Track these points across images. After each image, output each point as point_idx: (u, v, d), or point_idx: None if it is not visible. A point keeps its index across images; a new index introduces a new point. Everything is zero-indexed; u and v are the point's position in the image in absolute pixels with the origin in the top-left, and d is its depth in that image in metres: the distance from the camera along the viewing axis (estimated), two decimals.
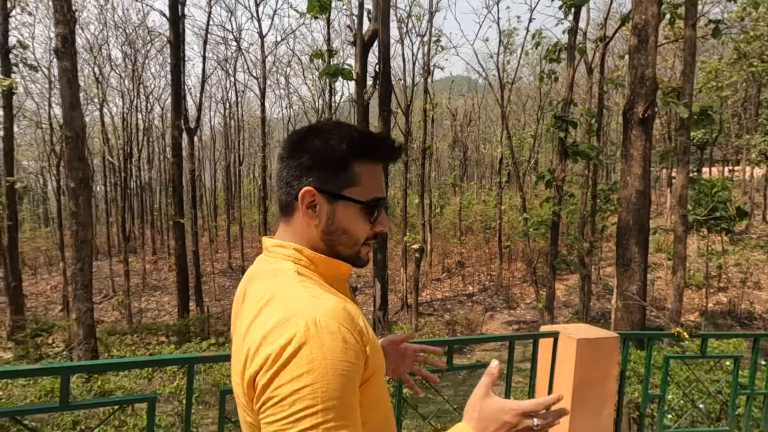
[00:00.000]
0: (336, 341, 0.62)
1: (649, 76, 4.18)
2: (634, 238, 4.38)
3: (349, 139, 0.75)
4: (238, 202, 26.00)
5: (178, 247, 10.36)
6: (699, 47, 24.50)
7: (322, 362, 0.60)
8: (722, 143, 26.77)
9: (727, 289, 16.76)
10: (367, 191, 0.77)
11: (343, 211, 0.76)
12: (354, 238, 0.78)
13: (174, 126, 9.14)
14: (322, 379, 0.60)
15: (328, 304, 0.66)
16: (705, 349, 2.08)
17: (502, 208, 20.38)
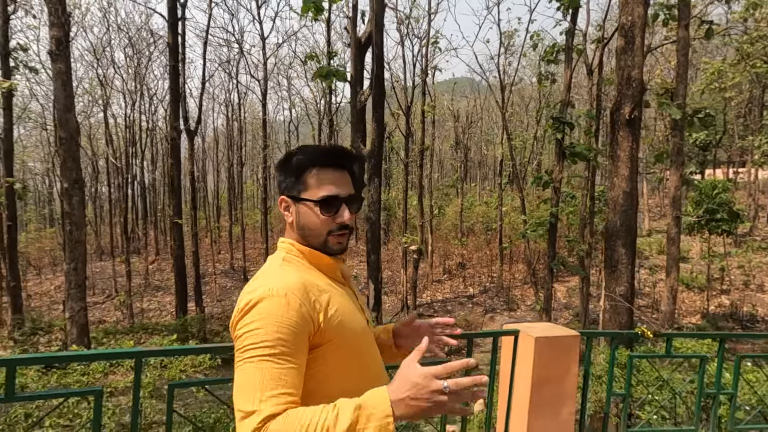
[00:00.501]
0: (280, 303, 0.88)
1: (635, 77, 4.17)
2: (622, 240, 4.37)
3: (303, 155, 1.01)
4: (240, 203, 26.08)
5: (176, 248, 10.43)
6: (702, 49, 24.40)
7: (266, 315, 0.86)
8: (727, 145, 26.55)
9: (730, 291, 16.60)
10: (318, 192, 0.99)
11: (304, 210, 1.00)
12: (316, 230, 1.00)
13: (172, 127, 9.21)
14: (264, 326, 0.86)
15: (288, 279, 0.92)
16: (670, 348, 2.08)
17: (503, 210, 20.32)
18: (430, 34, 14.40)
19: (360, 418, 0.76)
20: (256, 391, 0.81)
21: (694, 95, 25.71)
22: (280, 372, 0.83)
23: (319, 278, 1.00)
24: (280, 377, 0.83)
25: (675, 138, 6.01)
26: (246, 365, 0.85)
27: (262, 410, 0.80)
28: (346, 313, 0.97)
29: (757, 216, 23.06)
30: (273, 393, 0.82)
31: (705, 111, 6.01)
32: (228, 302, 20.72)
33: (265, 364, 0.83)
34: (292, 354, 0.86)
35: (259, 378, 0.82)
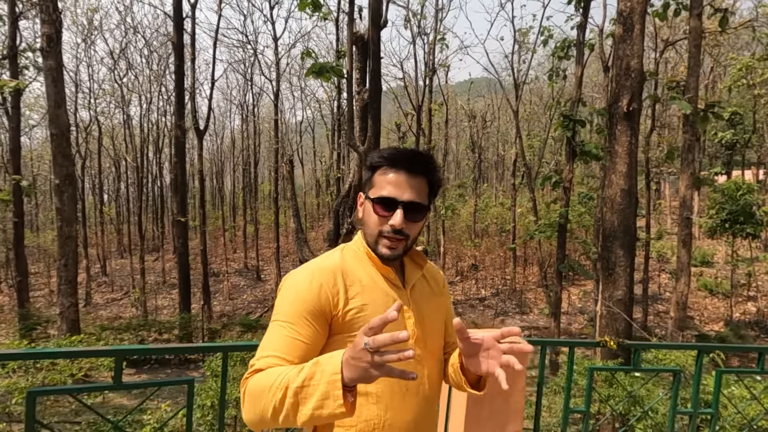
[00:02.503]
0: (304, 281, 0.97)
1: (634, 67, 3.87)
2: (619, 241, 4.07)
3: (377, 155, 1.03)
4: (254, 203, 26.35)
5: (179, 246, 10.50)
6: (730, 45, 23.32)
7: (289, 291, 0.97)
8: (757, 145, 25.30)
9: (757, 298, 15.75)
10: (378, 190, 1.01)
11: (367, 207, 1.03)
12: (370, 229, 1.02)
13: (176, 126, 9.28)
14: (284, 299, 0.96)
15: (323, 263, 1.01)
16: (637, 361, 1.85)
17: (517, 211, 19.87)
18: (437, 31, 14.15)
19: (315, 374, 0.78)
20: (261, 350, 0.92)
21: (722, 92, 24.62)
22: (287, 339, 0.91)
23: (369, 272, 1.03)
24: (285, 343, 0.91)
25: (686, 134, 5.65)
26: (268, 328, 0.96)
27: (257, 363, 0.89)
28: (373, 313, 0.96)
29: None
30: (272, 353, 0.90)
31: (718, 106, 5.63)
32: (239, 301, 20.91)
33: (278, 329, 0.93)
34: (300, 326, 0.92)
35: (270, 340, 0.93)
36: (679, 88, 5.94)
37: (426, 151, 1.08)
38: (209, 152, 36.73)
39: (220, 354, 1.37)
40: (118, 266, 27.56)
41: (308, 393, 0.77)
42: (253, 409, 0.85)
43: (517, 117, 16.57)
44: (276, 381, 0.81)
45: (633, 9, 3.88)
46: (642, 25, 3.92)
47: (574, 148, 9.85)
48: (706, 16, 6.70)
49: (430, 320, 1.07)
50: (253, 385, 0.86)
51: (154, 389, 1.35)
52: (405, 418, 0.98)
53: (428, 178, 1.03)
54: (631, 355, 3.95)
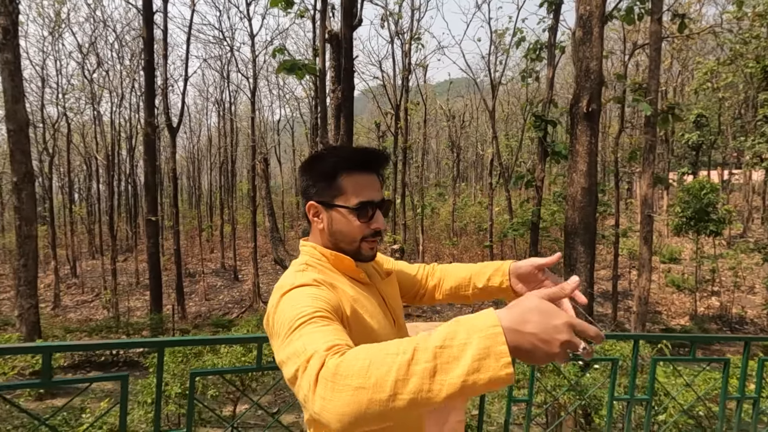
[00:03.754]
0: (311, 287, 0.85)
1: (594, 69, 4.01)
2: (580, 238, 4.20)
3: (335, 158, 0.96)
4: (231, 202, 25.96)
5: (150, 246, 10.28)
6: (700, 49, 24.21)
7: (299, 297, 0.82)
8: (722, 146, 26.37)
9: (720, 293, 16.43)
10: (354, 197, 0.94)
11: (338, 217, 0.96)
12: (350, 236, 0.96)
13: (147, 123, 9.07)
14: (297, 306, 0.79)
15: (298, 280, 0.88)
16: None
17: (495, 210, 20.17)
18: (413, 30, 14.24)
19: (458, 331, 0.59)
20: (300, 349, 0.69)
21: (689, 95, 25.57)
22: (326, 329, 0.73)
23: (341, 281, 0.96)
24: (328, 332, 0.72)
25: (648, 135, 5.85)
26: (285, 345, 0.74)
27: (318, 348, 0.66)
28: (361, 314, 0.93)
29: (751, 218, 22.90)
30: (327, 340, 0.69)
31: (679, 107, 5.85)
32: (215, 301, 20.58)
33: (302, 331, 0.73)
34: (328, 316, 0.78)
35: (306, 339, 0.70)
36: (641, 90, 6.15)
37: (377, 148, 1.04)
38: (186, 150, 35.98)
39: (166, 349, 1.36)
40: (90, 267, 26.72)
41: (453, 354, 0.57)
42: (352, 390, 0.59)
43: (494, 117, 16.82)
44: (388, 348, 0.61)
45: (592, 12, 4.01)
46: (601, 28, 4.06)
47: (545, 148, 10.07)
48: (669, 19, 6.96)
49: (395, 300, 1.09)
50: (346, 360, 0.62)
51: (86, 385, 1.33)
52: None
53: (378, 173, 1.01)
54: None
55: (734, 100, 23.26)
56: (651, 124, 6.01)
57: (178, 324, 12.13)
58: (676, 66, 25.02)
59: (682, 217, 12.38)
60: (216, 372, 1.48)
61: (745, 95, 22.72)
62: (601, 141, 24.07)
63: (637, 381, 2.89)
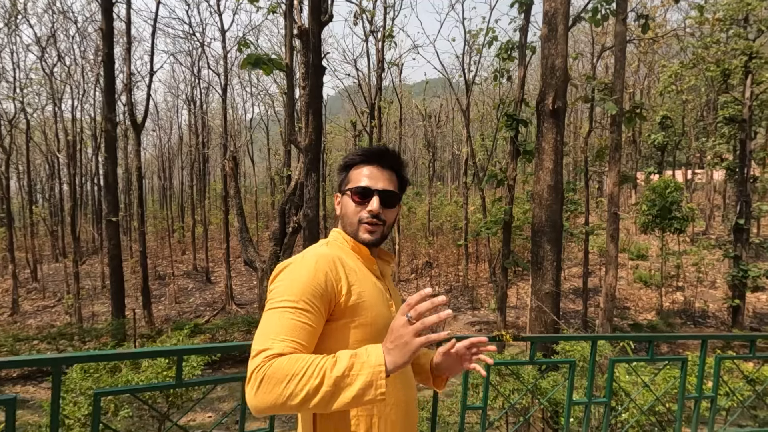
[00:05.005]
0: (309, 266, 0.98)
1: (559, 66, 4.00)
2: (547, 236, 4.19)
3: (350, 155, 1.15)
4: (203, 202, 25.27)
5: (111, 247, 9.84)
6: (665, 53, 25.03)
7: (294, 274, 0.98)
8: (686, 147, 27.39)
9: (684, 288, 17.02)
10: (354, 182, 1.11)
11: (345, 201, 1.12)
12: (349, 218, 1.11)
13: (106, 119, 8.62)
14: (289, 283, 0.96)
15: (320, 251, 1.03)
16: (534, 354, 1.84)
17: (470, 209, 20.31)
18: (385, 28, 14.14)
19: (355, 365, 0.84)
20: (271, 334, 0.89)
21: (655, 97, 26.44)
22: (296, 324, 0.91)
23: (357, 264, 1.08)
24: (295, 328, 0.90)
25: (613, 134, 5.93)
26: (270, 314, 0.93)
27: (273, 347, 0.87)
28: (369, 300, 1.02)
29: (712, 215, 23.85)
30: (286, 337, 0.89)
31: (642, 107, 5.95)
32: (186, 304, 19.96)
33: (286, 314, 0.91)
34: (310, 313, 0.93)
35: (278, 324, 0.90)
36: (607, 90, 6.22)
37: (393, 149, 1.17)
38: (157, 149, 34.91)
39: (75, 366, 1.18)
40: (52, 271, 25.56)
41: (349, 382, 0.82)
42: (272, 393, 0.83)
43: (468, 117, 16.92)
44: (308, 369, 0.83)
45: (557, 10, 4.00)
46: (565, 25, 4.05)
47: (517, 147, 10.15)
48: (634, 20, 7.08)
49: (398, 306, 1.16)
50: (277, 369, 0.84)
51: None
52: (400, 396, 1.06)
53: (397, 172, 1.14)
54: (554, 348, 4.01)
55: (697, 102, 24.19)
56: (617, 123, 6.08)
57: (143, 329, 11.64)
58: (643, 69, 25.84)
59: (648, 215, 12.73)
60: (125, 391, 1.32)
61: (706, 98, 23.66)
62: (573, 141, 24.59)
63: (601, 381, 2.85)
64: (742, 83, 13.77)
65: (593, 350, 1.91)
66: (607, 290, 6.40)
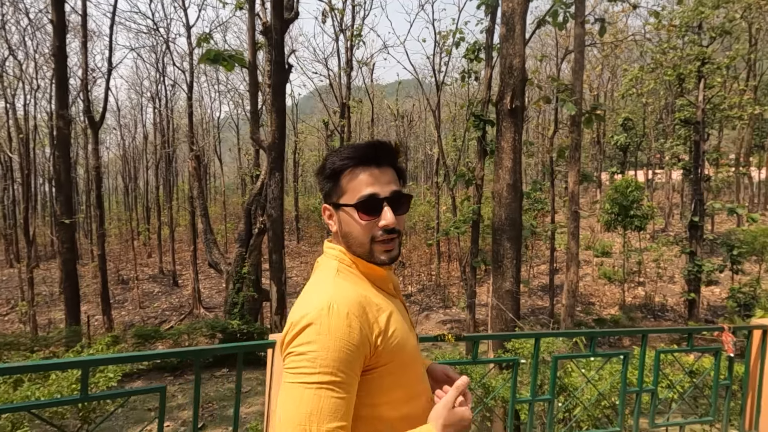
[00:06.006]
0: (342, 324, 0.82)
1: (517, 66, 4.05)
2: (506, 234, 4.24)
3: (336, 157, 0.92)
4: (170, 203, 24.48)
5: (65, 251, 9.36)
6: (627, 57, 26.00)
7: (327, 337, 0.80)
8: (647, 148, 28.58)
9: (645, 283, 17.72)
10: (354, 194, 0.90)
11: (345, 217, 0.92)
12: (358, 239, 0.91)
13: (58, 116, 8.18)
14: (323, 350, 0.79)
15: (346, 294, 0.86)
16: (476, 353, 1.82)
17: (441, 209, 20.50)
18: (353, 27, 14.08)
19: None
20: (312, 423, 0.77)
21: (617, 100, 27.44)
22: (337, 402, 0.79)
23: (374, 292, 0.93)
24: (337, 408, 0.79)
25: (573, 134, 6.07)
26: (300, 389, 0.79)
27: None
28: (402, 334, 0.91)
29: (671, 213, 24.95)
30: (330, 426, 0.78)
31: (600, 108, 6.14)
32: (151, 309, 19.27)
33: (323, 392, 0.79)
34: (349, 383, 0.82)
35: (317, 407, 0.78)
36: (567, 91, 6.36)
37: (385, 140, 0.98)
38: (122, 149, 33.63)
39: None
40: (6, 276, 24.22)
41: None
42: None
43: (438, 117, 17.06)
44: None
45: (514, 10, 4.05)
46: (522, 25, 4.10)
47: (484, 147, 10.28)
48: (591, 24, 7.28)
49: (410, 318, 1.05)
50: None
51: None
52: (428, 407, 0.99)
53: (395, 167, 0.95)
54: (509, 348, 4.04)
55: (656, 105, 25.24)
56: (576, 123, 6.22)
57: (99, 336, 11.11)
58: (607, 73, 26.78)
59: (611, 213, 13.17)
60: (20, 408, 1.20)
61: (665, 101, 24.72)
62: (540, 141, 25.20)
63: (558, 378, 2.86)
64: (696, 87, 14.45)
65: (536, 348, 1.91)
66: (569, 287, 6.53)
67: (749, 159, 25.97)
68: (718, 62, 14.85)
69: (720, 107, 16.81)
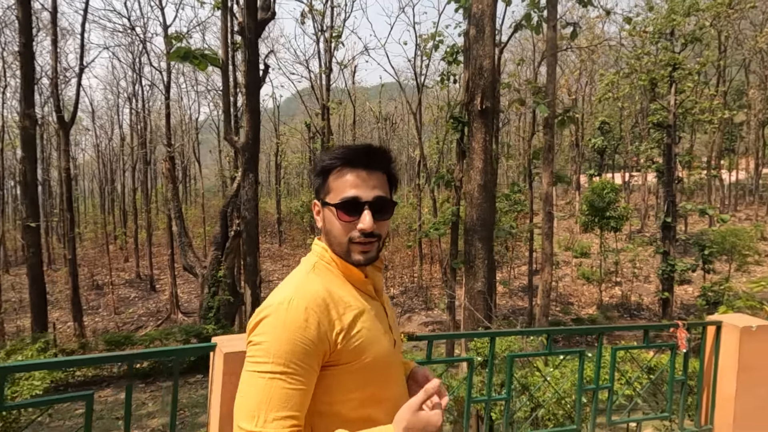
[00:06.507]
0: (299, 318, 0.83)
1: (487, 67, 4.07)
2: (478, 234, 4.24)
3: (327, 156, 0.96)
4: (147, 206, 23.93)
5: (30, 255, 9.03)
6: (604, 63, 26.61)
7: (281, 330, 0.82)
8: (624, 151, 29.27)
9: (622, 283, 18.10)
10: (338, 194, 0.92)
11: (328, 215, 0.94)
12: (337, 237, 0.93)
13: (24, 115, 7.89)
14: (276, 341, 0.82)
15: (312, 291, 0.87)
16: (430, 353, 1.80)
17: (423, 211, 20.55)
18: (332, 28, 14.04)
19: None
20: (261, 410, 0.80)
21: (595, 104, 28.05)
22: (288, 392, 0.81)
23: (349, 291, 0.94)
24: (288, 398, 0.81)
25: (546, 136, 6.15)
26: (254, 377, 0.82)
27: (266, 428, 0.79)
28: (369, 335, 0.92)
29: (647, 215, 25.57)
30: (278, 415, 0.80)
31: (574, 111, 6.24)
32: (127, 315, 18.77)
33: (275, 382, 0.81)
34: (302, 374, 0.83)
35: (267, 395, 0.80)
36: (541, 94, 6.44)
37: (381, 144, 1.00)
38: (98, 151, 32.75)
39: None
40: None
41: None
42: None
43: (419, 119, 17.12)
44: None
45: (483, 12, 4.07)
46: (492, 27, 4.13)
47: (463, 148, 10.34)
48: (562, 27, 7.40)
49: (394, 321, 1.05)
50: None
51: None
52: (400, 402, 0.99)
53: (386, 172, 0.96)
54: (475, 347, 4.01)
55: (632, 109, 25.89)
56: (549, 125, 6.30)
57: (72, 343, 10.77)
58: (585, 77, 27.35)
59: (588, 215, 13.40)
60: None
61: (640, 105, 25.38)
62: (519, 144, 25.54)
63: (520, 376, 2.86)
64: (668, 92, 14.86)
65: (491, 347, 1.90)
66: (544, 287, 6.58)
67: (720, 162, 26.87)
68: (689, 68, 15.31)
69: (691, 111, 17.33)
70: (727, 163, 27.48)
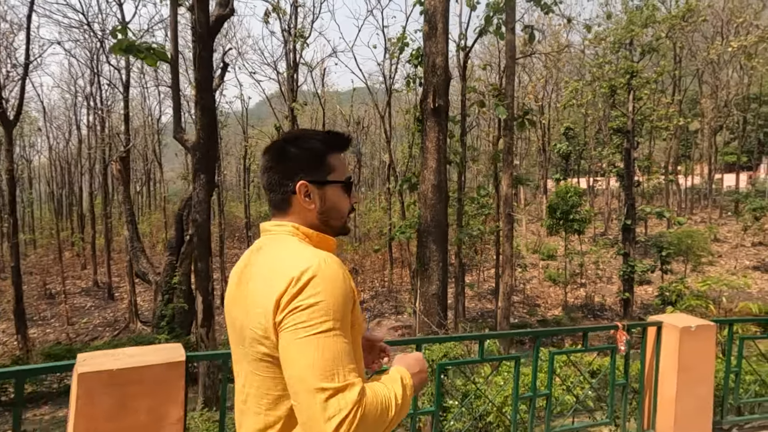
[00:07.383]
0: (338, 275, 0.86)
1: (440, 64, 3.99)
2: (432, 236, 4.14)
3: (320, 139, 1.03)
4: (106, 211, 22.81)
5: None
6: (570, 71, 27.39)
7: (332, 285, 0.84)
8: (588, 156, 30.21)
9: (586, 284, 18.52)
10: (341, 173, 1.03)
11: (331, 193, 1.01)
12: (341, 211, 1.03)
13: None
14: (331, 297, 0.83)
15: (328, 253, 0.92)
16: None
17: (393, 215, 20.47)
18: (296, 28, 13.82)
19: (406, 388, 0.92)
20: (337, 366, 0.82)
21: (560, 111, 28.85)
22: (348, 346, 0.85)
23: None
24: (350, 351, 0.85)
25: (506, 138, 6.14)
26: (319, 339, 0.81)
27: (355, 383, 0.82)
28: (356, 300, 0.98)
29: (610, 218, 26.40)
30: (351, 367, 0.83)
31: (531, 113, 6.27)
32: (81, 326, 17.74)
33: (338, 338, 0.83)
34: (349, 330, 0.87)
35: (337, 351, 0.82)
36: (501, 96, 6.43)
37: None
38: (55, 152, 31.13)
39: None
40: None
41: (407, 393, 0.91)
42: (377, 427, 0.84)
43: (390, 123, 17.08)
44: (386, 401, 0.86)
45: (436, 8, 3.99)
46: (445, 24, 4.06)
47: None
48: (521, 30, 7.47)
49: None
50: (372, 407, 0.83)
51: None
52: None
53: None
54: None
55: (595, 115, 26.75)
56: (509, 127, 6.28)
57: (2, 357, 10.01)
58: (551, 84, 28.10)
59: (553, 218, 13.63)
60: None
61: (603, 112, 26.25)
62: (488, 148, 25.91)
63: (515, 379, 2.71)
64: (627, 99, 15.38)
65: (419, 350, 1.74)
66: (504, 289, 6.54)
67: (677, 167, 28.10)
68: (647, 77, 15.91)
69: (649, 118, 18.01)
70: (683, 169, 28.76)
